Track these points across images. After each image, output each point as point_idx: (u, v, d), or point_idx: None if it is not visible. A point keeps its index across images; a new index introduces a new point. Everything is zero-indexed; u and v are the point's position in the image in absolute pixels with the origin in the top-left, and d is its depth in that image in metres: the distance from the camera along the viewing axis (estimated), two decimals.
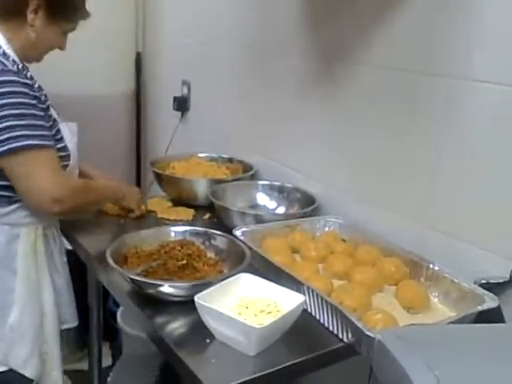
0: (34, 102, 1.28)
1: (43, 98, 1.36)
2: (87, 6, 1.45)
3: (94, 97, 1.59)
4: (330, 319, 1.12)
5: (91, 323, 1.86)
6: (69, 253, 1.59)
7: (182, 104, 2.39)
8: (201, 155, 2.09)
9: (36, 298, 1.42)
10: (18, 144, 1.24)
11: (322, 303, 1.14)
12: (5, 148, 1.25)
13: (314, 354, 1.07)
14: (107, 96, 2.39)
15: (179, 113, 2.42)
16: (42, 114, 1.30)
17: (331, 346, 1.10)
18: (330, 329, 1.13)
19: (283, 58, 1.85)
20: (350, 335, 1.08)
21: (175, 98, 2.39)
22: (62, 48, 1.46)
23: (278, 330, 1.04)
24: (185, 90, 2.38)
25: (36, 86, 1.35)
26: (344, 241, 1.48)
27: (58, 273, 1.53)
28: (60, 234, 1.57)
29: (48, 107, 1.37)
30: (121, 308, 2.21)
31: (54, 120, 1.38)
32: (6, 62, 1.29)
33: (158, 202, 1.84)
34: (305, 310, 1.16)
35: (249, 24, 2.00)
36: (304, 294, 1.16)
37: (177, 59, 2.46)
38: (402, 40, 1.42)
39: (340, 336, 1.11)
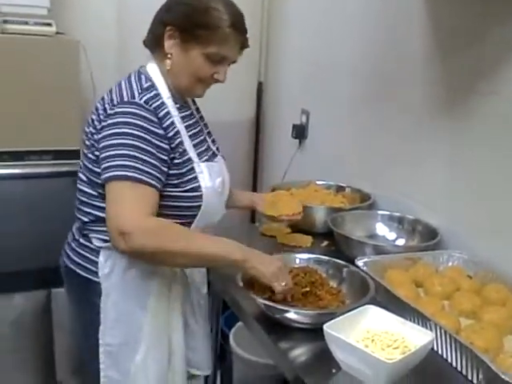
0: (146, 136, 1.24)
1: (171, 134, 1.30)
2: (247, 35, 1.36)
3: (218, 122, 1.66)
4: (459, 359, 1.10)
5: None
6: None
7: (300, 132, 2.45)
8: (318, 183, 2.13)
9: (164, 340, 1.40)
10: (111, 174, 1.22)
11: (450, 342, 1.12)
12: (104, 176, 1.23)
13: None
14: (230, 122, 2.52)
15: (297, 140, 2.48)
16: (152, 150, 1.24)
17: None
18: (458, 369, 1.11)
19: (404, 87, 1.85)
20: (480, 377, 1.05)
21: (294, 126, 2.46)
22: (219, 79, 1.36)
23: (407, 366, 1.04)
24: (303, 119, 2.44)
25: (167, 122, 1.30)
26: (470, 277, 1.44)
27: (194, 316, 1.51)
28: (204, 276, 1.55)
29: (177, 146, 1.31)
30: (233, 330, 2.26)
31: (189, 159, 1.34)
32: (136, 93, 1.28)
33: (277, 228, 1.90)
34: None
35: (371, 53, 2.02)
36: (431, 330, 1.14)
37: (297, 88, 2.53)
38: None
39: (469, 377, 1.08)
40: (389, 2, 1.73)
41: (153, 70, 1.37)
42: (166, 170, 1.29)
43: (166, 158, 1.28)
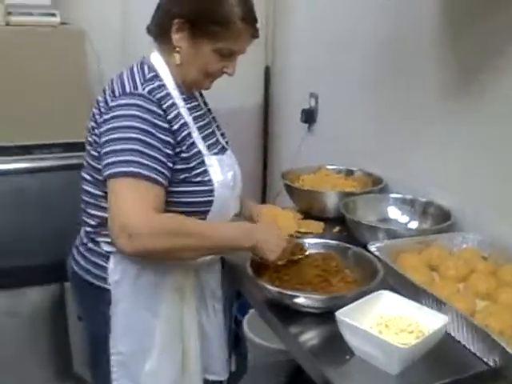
0: (151, 129, 1.18)
1: (176, 126, 1.25)
2: (257, 24, 1.31)
3: (225, 109, 1.64)
4: (475, 341, 1.09)
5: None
6: None
7: (309, 116, 2.42)
8: (329, 167, 2.11)
9: (177, 347, 1.35)
10: (112, 170, 1.15)
11: (465, 324, 1.11)
12: (106, 173, 1.17)
13: (458, 377, 1.04)
14: (237, 109, 2.50)
15: (306, 125, 2.46)
16: (157, 144, 1.18)
17: (475, 370, 1.07)
18: (473, 351, 1.10)
19: (417, 67, 1.81)
20: (496, 359, 1.04)
21: (303, 111, 2.43)
22: (228, 72, 1.33)
23: (421, 351, 1.03)
24: (312, 103, 2.41)
25: (172, 114, 1.25)
26: (485, 259, 1.42)
27: (209, 320, 1.47)
28: (219, 279, 1.51)
29: (183, 139, 1.26)
30: (247, 317, 2.27)
31: (198, 152, 1.29)
32: (139, 84, 1.23)
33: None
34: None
35: (379, 33, 1.98)
36: (445, 314, 1.13)
37: (305, 72, 2.50)
38: None
39: (485, 359, 1.07)
40: None
41: (157, 60, 1.31)
42: (171, 165, 1.22)
43: (171, 152, 1.22)
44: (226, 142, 1.50)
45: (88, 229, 1.34)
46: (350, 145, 2.20)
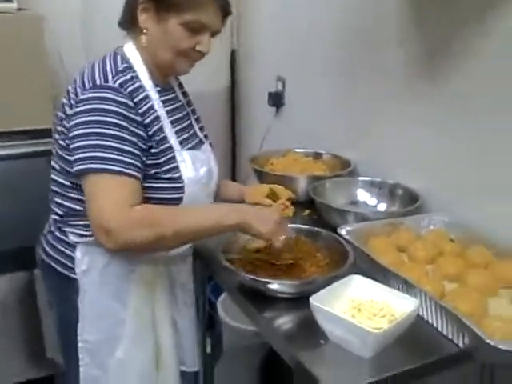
0: (123, 123, 1.15)
1: (148, 120, 1.22)
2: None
3: (191, 93, 1.63)
4: (444, 324, 1.11)
5: (198, 315, 1.91)
6: None
7: (276, 99, 2.41)
8: (297, 151, 2.11)
9: (148, 338, 1.36)
10: (85, 166, 1.14)
11: (435, 307, 1.12)
12: (78, 168, 1.15)
13: (430, 360, 1.06)
14: (202, 93, 2.45)
15: (274, 108, 2.45)
16: (131, 138, 1.16)
17: (446, 352, 1.08)
18: (444, 333, 1.12)
19: (382, 50, 1.82)
20: (466, 341, 1.06)
21: (270, 94, 2.42)
22: (201, 49, 1.26)
23: (394, 335, 1.04)
24: (279, 86, 2.40)
25: (145, 107, 1.22)
26: (452, 240, 1.44)
27: (181, 313, 1.48)
28: (190, 271, 1.51)
29: (154, 133, 1.23)
30: (220, 298, 2.27)
31: (169, 147, 1.27)
32: (110, 76, 1.19)
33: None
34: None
35: (346, 15, 1.97)
36: (415, 296, 1.15)
37: (271, 55, 2.48)
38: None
39: (455, 341, 1.09)
40: None
41: (130, 49, 1.28)
42: (144, 159, 1.21)
43: (145, 146, 1.21)
44: (205, 136, 1.47)
45: (55, 217, 1.33)
46: (317, 128, 2.20)
